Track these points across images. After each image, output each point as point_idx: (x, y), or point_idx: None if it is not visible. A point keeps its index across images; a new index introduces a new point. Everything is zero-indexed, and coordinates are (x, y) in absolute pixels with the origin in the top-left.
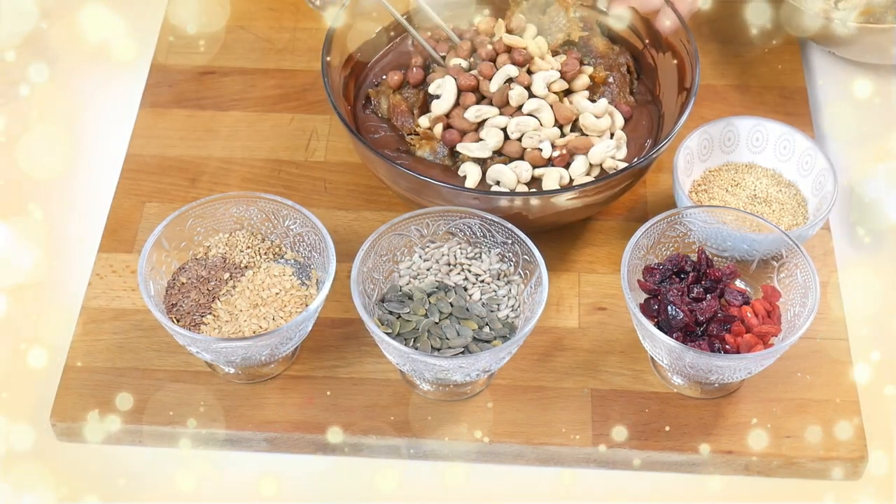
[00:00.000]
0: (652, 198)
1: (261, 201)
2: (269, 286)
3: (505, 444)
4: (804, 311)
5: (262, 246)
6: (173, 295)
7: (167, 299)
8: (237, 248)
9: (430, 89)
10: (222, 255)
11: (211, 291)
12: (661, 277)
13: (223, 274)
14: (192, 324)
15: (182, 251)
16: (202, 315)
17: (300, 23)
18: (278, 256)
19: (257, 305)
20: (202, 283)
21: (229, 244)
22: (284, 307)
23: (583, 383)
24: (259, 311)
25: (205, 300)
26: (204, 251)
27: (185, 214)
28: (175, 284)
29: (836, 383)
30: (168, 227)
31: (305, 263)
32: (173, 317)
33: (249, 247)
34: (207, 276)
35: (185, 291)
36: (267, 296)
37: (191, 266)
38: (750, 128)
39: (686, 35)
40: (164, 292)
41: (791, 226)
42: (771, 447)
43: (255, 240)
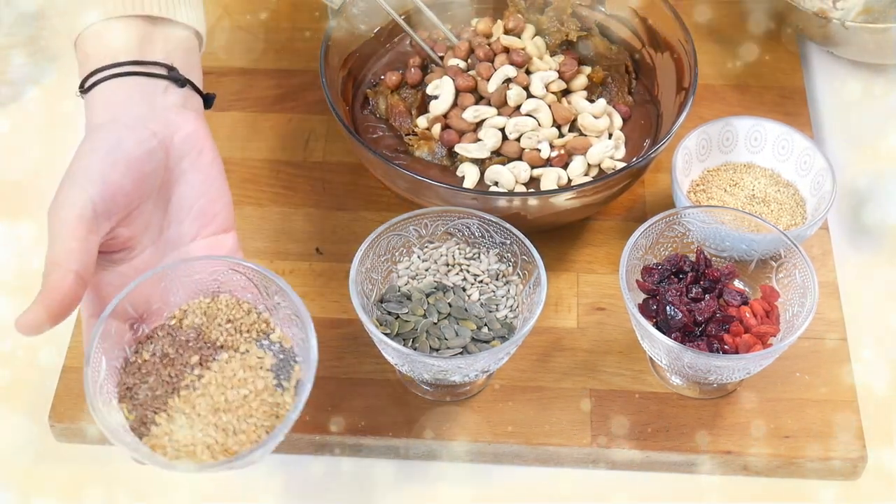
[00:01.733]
0: (650, 198)
1: (248, 271)
2: (239, 383)
3: (504, 445)
4: (803, 311)
5: (246, 320)
6: (131, 374)
7: (122, 378)
8: (216, 321)
9: (429, 90)
10: (198, 326)
11: (172, 381)
12: (659, 277)
13: (192, 356)
14: (142, 422)
15: (154, 314)
16: (156, 412)
17: (298, 23)
18: (263, 335)
19: (219, 411)
20: (165, 364)
21: (208, 313)
22: (250, 416)
23: (581, 383)
24: (220, 418)
25: (163, 391)
26: (180, 316)
27: (158, 276)
28: (136, 360)
29: (835, 383)
30: (137, 289)
31: (290, 353)
32: (126, 406)
33: (231, 321)
34: (174, 356)
35: (144, 374)
36: (233, 398)
37: (160, 336)
38: (748, 128)
39: (684, 35)
40: (120, 368)
41: (790, 226)
42: (770, 447)
43: (240, 311)
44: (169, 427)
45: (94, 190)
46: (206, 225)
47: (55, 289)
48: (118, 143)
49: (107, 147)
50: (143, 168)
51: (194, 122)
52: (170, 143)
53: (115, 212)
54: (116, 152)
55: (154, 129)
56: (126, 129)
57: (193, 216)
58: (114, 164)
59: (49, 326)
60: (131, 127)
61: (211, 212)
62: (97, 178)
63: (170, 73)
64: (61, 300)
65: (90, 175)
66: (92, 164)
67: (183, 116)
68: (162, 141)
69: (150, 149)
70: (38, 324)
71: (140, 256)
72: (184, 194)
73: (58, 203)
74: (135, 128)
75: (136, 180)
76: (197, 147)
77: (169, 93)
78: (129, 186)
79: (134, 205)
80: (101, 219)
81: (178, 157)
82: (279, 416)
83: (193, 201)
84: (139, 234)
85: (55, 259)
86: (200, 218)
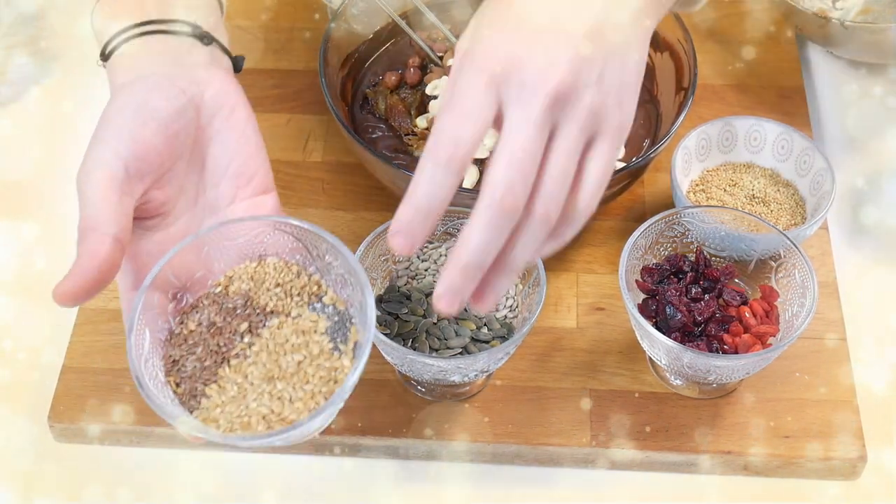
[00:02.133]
0: (650, 198)
1: (296, 230)
2: (293, 349)
3: (503, 445)
4: (802, 311)
5: (296, 283)
6: (177, 346)
7: (168, 350)
8: (264, 286)
9: (428, 90)
10: (245, 292)
11: (221, 350)
12: (659, 277)
13: (241, 324)
14: (192, 395)
15: (198, 282)
16: (206, 383)
17: (297, 23)
18: (315, 297)
19: (273, 379)
20: (213, 334)
21: (255, 278)
22: (306, 383)
23: (581, 383)
24: (275, 387)
25: (212, 362)
26: (225, 283)
27: (202, 239)
28: (181, 331)
29: (835, 383)
30: (178, 256)
31: (346, 315)
32: (173, 380)
33: (279, 284)
34: (222, 324)
35: (191, 345)
36: (287, 365)
37: (205, 305)
38: (748, 127)
39: (684, 35)
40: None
41: (789, 226)
42: (769, 447)
43: (289, 273)
44: (220, 399)
45: (125, 149)
46: (243, 186)
47: (92, 255)
48: (146, 100)
49: (134, 105)
50: (173, 126)
51: (224, 79)
52: (200, 101)
53: (148, 172)
54: (145, 110)
55: (182, 86)
56: (154, 87)
57: (230, 177)
58: (143, 123)
59: (87, 297)
60: (158, 84)
61: (248, 172)
62: (127, 137)
63: (193, 31)
64: (100, 266)
65: (120, 134)
66: (121, 124)
67: (211, 73)
68: (191, 98)
69: (179, 106)
70: (76, 293)
71: (176, 223)
72: (218, 155)
73: (87, 165)
74: (162, 85)
75: (167, 139)
76: (229, 104)
77: (195, 51)
78: (161, 145)
79: (167, 166)
80: (133, 180)
81: (209, 115)
82: (337, 380)
83: (229, 161)
84: (174, 199)
85: (89, 224)
86: (237, 179)
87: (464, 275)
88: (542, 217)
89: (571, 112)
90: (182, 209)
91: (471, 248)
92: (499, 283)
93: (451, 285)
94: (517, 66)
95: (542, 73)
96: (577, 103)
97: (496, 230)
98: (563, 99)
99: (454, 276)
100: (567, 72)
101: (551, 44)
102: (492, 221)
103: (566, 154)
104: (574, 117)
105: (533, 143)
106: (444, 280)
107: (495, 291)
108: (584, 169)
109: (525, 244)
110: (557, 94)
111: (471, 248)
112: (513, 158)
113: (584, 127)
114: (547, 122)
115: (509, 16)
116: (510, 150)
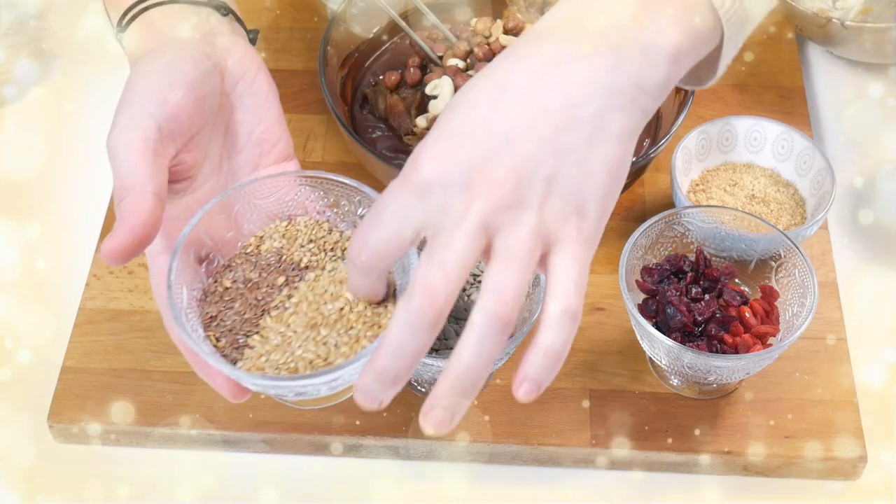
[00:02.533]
0: (650, 198)
1: (327, 184)
2: (332, 297)
3: (503, 445)
4: (802, 311)
5: (328, 239)
6: (213, 304)
7: (204, 308)
8: (297, 242)
9: (427, 89)
10: (278, 249)
11: (260, 303)
12: (659, 277)
13: (277, 278)
14: (235, 345)
15: (228, 244)
16: (247, 335)
17: (297, 23)
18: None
19: (316, 326)
20: (250, 289)
21: (287, 236)
22: (350, 329)
23: (581, 383)
24: (319, 333)
25: (252, 314)
26: (256, 243)
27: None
28: (216, 290)
29: (835, 383)
30: (209, 215)
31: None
32: (212, 334)
33: (312, 240)
34: (258, 279)
35: (228, 300)
36: (329, 312)
37: (238, 264)
38: (748, 127)
39: None
40: (200, 299)
41: (789, 225)
42: (770, 447)
43: (321, 230)
44: (264, 348)
45: (157, 110)
46: (266, 153)
47: (136, 211)
48: (174, 62)
49: (163, 67)
50: (201, 89)
51: (245, 46)
52: (224, 67)
53: (179, 134)
54: (173, 73)
55: (206, 50)
56: (180, 50)
57: (254, 143)
58: (172, 85)
59: (134, 254)
60: (184, 48)
61: (272, 138)
62: (158, 99)
63: (211, 1)
64: (145, 221)
65: (151, 96)
66: (151, 85)
67: (233, 40)
68: (216, 63)
69: (205, 70)
70: (124, 250)
71: (203, 187)
72: (242, 121)
73: (119, 128)
74: (188, 49)
75: (195, 101)
76: (252, 71)
77: (213, 20)
78: (191, 108)
79: (195, 129)
80: (166, 141)
81: (232, 81)
82: (381, 325)
83: (252, 127)
84: (200, 163)
85: (127, 183)
86: (261, 145)
87: (378, 379)
88: (490, 315)
89: (509, 230)
90: (207, 174)
91: (387, 351)
92: (452, 403)
93: (363, 386)
94: (445, 188)
95: (467, 202)
96: (513, 224)
97: (411, 331)
98: (492, 224)
99: (368, 378)
100: (495, 200)
101: (489, 161)
102: (407, 320)
103: (508, 262)
104: (513, 234)
105: (456, 255)
106: (360, 378)
107: (446, 410)
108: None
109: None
110: (484, 221)
111: (387, 350)
112: (437, 262)
113: (528, 244)
114: (480, 235)
115: (463, 120)
116: (439, 258)
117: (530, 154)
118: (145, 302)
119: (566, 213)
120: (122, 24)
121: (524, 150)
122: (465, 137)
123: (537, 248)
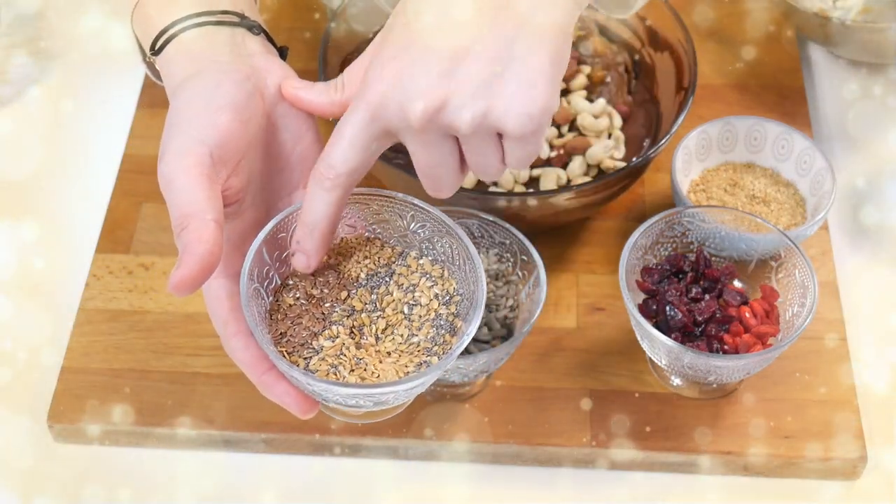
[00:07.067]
0: (650, 198)
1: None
2: (398, 303)
3: (503, 445)
4: (802, 311)
5: (382, 255)
6: (280, 321)
7: (272, 327)
8: (352, 259)
9: None
10: (333, 266)
11: (327, 317)
12: (659, 277)
13: (340, 292)
14: (307, 358)
15: (283, 262)
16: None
17: (297, 23)
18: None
19: (390, 326)
20: (315, 305)
21: (341, 253)
22: (419, 329)
23: (581, 384)
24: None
25: (320, 328)
26: None
27: (289, 218)
28: (280, 308)
29: (835, 383)
30: (269, 234)
31: (445, 267)
32: (283, 350)
33: (367, 256)
34: (320, 295)
35: (294, 317)
36: (412, 311)
37: (296, 282)
38: (748, 127)
39: (684, 34)
40: (266, 318)
41: (789, 225)
42: (770, 447)
43: (373, 247)
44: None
45: (207, 136)
46: (307, 171)
47: (200, 240)
48: (217, 86)
49: (208, 92)
50: (245, 112)
51: (280, 64)
52: (264, 87)
53: (229, 159)
54: (219, 97)
55: (247, 72)
56: (221, 73)
57: (294, 163)
58: (219, 109)
59: (201, 282)
60: (226, 72)
61: (312, 157)
62: (207, 124)
63: (243, 21)
64: (211, 250)
65: (200, 122)
66: (199, 110)
67: (269, 61)
68: (256, 85)
69: (248, 92)
70: (193, 279)
71: (248, 211)
72: (283, 141)
73: (171, 155)
74: (229, 73)
75: (242, 125)
76: None
77: (247, 40)
78: (239, 131)
79: (242, 152)
80: (218, 166)
81: (272, 102)
82: (456, 327)
83: (293, 147)
84: (246, 186)
85: (187, 211)
86: (302, 164)
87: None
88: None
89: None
90: (251, 196)
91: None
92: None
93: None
94: (389, 101)
95: (404, 107)
96: (455, 121)
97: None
98: (437, 121)
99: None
100: (432, 99)
101: (419, 70)
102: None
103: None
104: (461, 132)
105: (428, 159)
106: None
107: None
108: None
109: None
110: (425, 123)
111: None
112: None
113: (476, 135)
114: (435, 136)
115: (400, 39)
116: (419, 169)
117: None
118: (145, 302)
119: (500, 113)
120: (155, 48)
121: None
122: (407, 47)
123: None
